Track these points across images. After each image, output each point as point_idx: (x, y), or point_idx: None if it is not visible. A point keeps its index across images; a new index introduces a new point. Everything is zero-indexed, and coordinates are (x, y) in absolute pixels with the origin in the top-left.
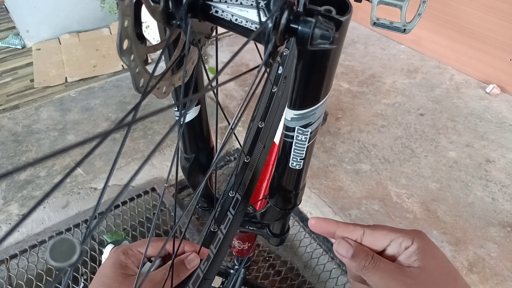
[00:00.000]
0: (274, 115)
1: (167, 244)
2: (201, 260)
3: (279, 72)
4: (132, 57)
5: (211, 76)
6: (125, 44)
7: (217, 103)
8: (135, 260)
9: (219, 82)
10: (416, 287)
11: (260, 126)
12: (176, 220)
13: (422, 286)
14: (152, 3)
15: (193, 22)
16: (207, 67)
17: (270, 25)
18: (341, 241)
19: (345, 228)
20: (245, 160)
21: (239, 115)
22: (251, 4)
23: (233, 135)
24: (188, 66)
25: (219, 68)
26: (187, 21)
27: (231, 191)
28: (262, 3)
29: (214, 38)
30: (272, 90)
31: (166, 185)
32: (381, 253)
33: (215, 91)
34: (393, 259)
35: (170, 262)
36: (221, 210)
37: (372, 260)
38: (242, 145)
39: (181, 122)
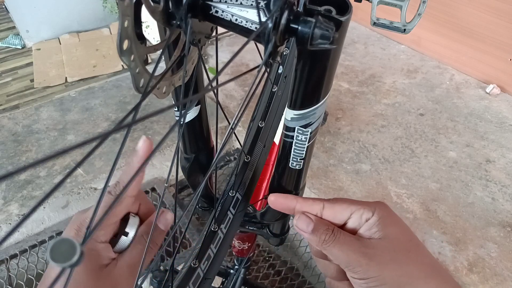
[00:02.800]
0: (275, 114)
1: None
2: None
3: (279, 71)
4: (132, 57)
5: (211, 76)
6: (125, 44)
7: (217, 103)
8: (106, 232)
9: (219, 82)
10: (376, 257)
11: (260, 125)
12: (176, 220)
13: (383, 255)
14: (152, 3)
15: (193, 22)
16: (207, 67)
17: (270, 25)
18: (301, 215)
19: (304, 203)
20: (245, 160)
21: (239, 115)
22: (251, 4)
23: (234, 134)
24: (188, 66)
25: (219, 68)
26: (187, 21)
27: (231, 191)
28: (262, 3)
29: (214, 38)
30: (272, 90)
31: (166, 185)
32: (342, 226)
33: (215, 91)
34: (354, 232)
35: (140, 231)
36: (221, 210)
37: (332, 234)
38: (242, 144)
39: (181, 122)
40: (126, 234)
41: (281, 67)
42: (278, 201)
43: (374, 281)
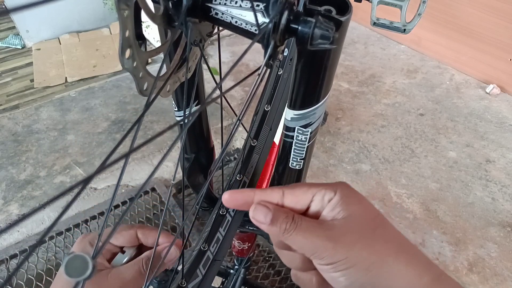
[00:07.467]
0: (281, 97)
1: (138, 233)
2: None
3: (285, 54)
4: (134, 63)
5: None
6: (127, 53)
7: (222, 105)
8: (104, 251)
9: (221, 85)
10: (342, 238)
11: (266, 109)
12: (181, 220)
13: (348, 235)
14: (152, 10)
15: (193, 22)
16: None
17: (269, 26)
18: (257, 206)
19: (262, 193)
20: (252, 144)
21: (246, 107)
22: (250, 7)
23: (241, 125)
24: (190, 63)
25: (220, 71)
26: (188, 25)
27: (238, 175)
28: (261, 6)
29: (215, 37)
30: (278, 73)
31: (173, 182)
32: (306, 212)
33: (220, 97)
34: (318, 215)
35: (142, 256)
36: None
37: (292, 221)
38: (248, 130)
39: (184, 123)
40: (123, 252)
41: (286, 49)
42: (233, 199)
43: (343, 264)
